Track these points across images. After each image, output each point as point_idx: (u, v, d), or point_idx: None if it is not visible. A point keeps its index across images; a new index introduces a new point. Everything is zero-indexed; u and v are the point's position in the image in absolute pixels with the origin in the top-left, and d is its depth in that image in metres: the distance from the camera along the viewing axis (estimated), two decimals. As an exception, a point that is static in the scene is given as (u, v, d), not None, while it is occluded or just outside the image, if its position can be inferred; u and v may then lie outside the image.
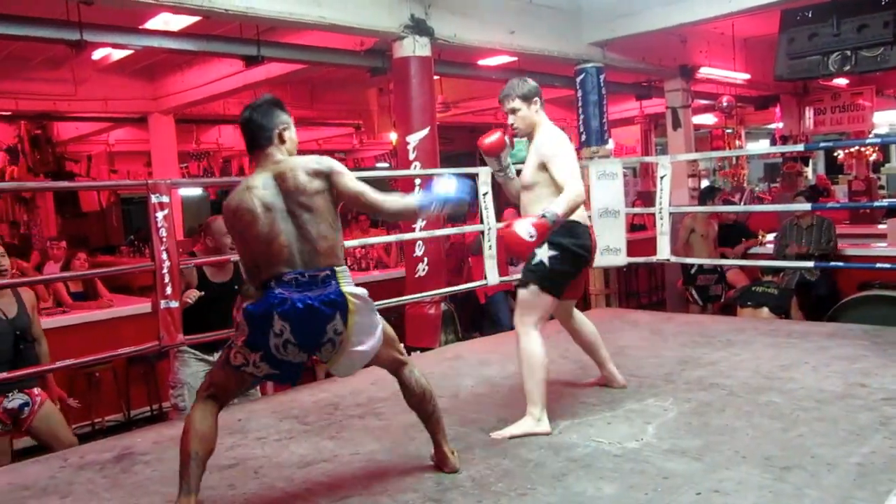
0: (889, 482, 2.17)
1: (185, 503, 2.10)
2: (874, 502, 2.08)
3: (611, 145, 7.28)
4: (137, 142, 11.25)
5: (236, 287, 3.85)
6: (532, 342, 2.90)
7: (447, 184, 2.48)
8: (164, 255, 3.31)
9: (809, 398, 3.06)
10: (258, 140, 2.33)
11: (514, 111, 3.04)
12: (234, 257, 3.60)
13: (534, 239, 2.68)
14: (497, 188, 4.72)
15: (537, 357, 2.89)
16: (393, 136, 9.44)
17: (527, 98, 3.02)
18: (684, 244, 6.37)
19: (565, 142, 2.97)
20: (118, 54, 7.42)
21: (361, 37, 5.93)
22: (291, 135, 2.40)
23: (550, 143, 2.95)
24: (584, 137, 6.60)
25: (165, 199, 3.33)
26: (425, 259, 5.20)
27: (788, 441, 2.60)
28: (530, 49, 6.25)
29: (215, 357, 3.75)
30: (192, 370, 3.72)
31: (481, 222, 4.95)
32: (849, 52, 5.65)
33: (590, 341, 3.38)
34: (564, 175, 2.85)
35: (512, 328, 3.12)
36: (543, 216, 2.70)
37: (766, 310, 5.56)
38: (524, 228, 2.68)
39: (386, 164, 15.33)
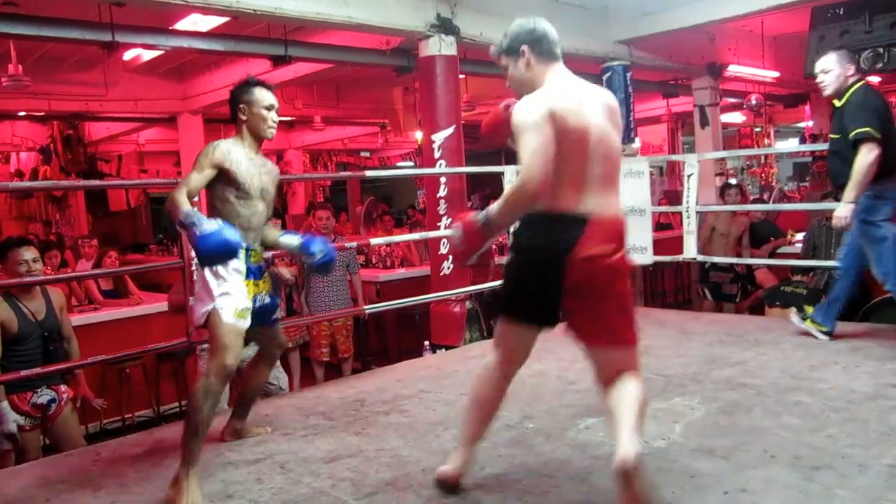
0: (922, 484, 2.14)
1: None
2: (906, 504, 2.05)
3: (637, 144, 7.23)
4: (167, 141, 11.42)
5: None
6: (479, 374, 2.35)
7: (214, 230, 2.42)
8: (193, 253, 3.35)
9: (839, 399, 3.01)
10: None
11: (505, 71, 2.32)
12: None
13: (460, 244, 2.14)
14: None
15: (473, 394, 2.34)
16: (418, 135, 9.47)
17: (510, 51, 2.28)
18: (705, 242, 6.40)
19: (539, 107, 2.05)
20: (148, 55, 7.55)
21: (388, 36, 5.96)
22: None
23: (519, 112, 2.09)
24: (610, 136, 6.56)
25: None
26: (450, 257, 5.21)
27: (818, 441, 2.56)
28: (556, 47, 6.23)
29: None
30: None
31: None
32: (881, 50, 5.56)
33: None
34: (523, 157, 2.02)
35: None
36: (477, 215, 2.12)
37: (794, 310, 5.48)
38: (454, 232, 2.17)
39: (411, 163, 15.39)
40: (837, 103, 3.77)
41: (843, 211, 3.66)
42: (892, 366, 3.44)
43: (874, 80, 10.06)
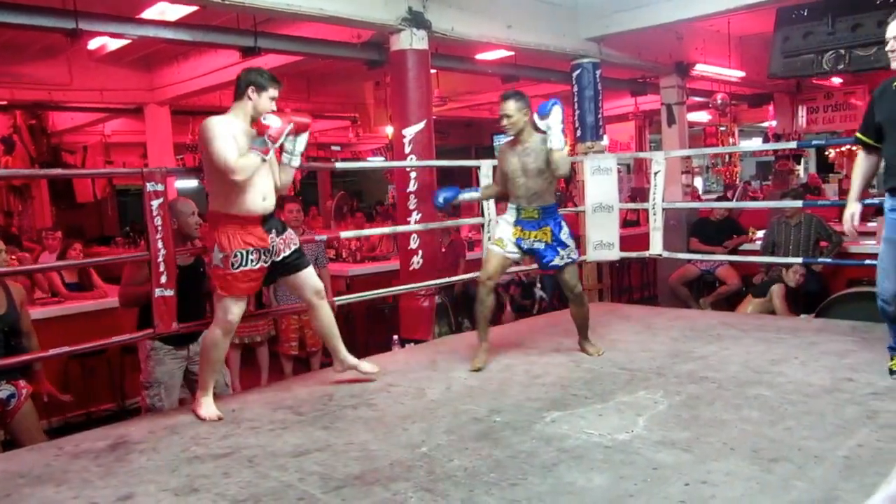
0: (875, 475, 2.19)
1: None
2: (860, 494, 2.10)
3: (605, 141, 7.30)
4: (133, 133, 11.23)
5: (202, 269, 3.88)
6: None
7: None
8: (160, 244, 3.32)
9: (798, 392, 3.09)
10: None
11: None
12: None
13: None
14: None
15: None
16: (389, 130, 9.44)
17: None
18: None
19: None
20: (114, 44, 7.40)
21: (359, 29, 5.93)
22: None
23: None
24: (579, 133, 6.62)
25: (160, 187, 3.33)
26: (420, 252, 5.22)
27: (776, 434, 2.63)
28: (527, 44, 6.26)
29: (188, 351, 3.76)
30: (167, 368, 3.70)
31: (482, 215, 4.98)
32: (843, 51, 5.69)
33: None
34: None
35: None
36: None
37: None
38: None
39: (382, 158, 15.33)
40: None
41: None
42: (849, 360, 3.55)
43: (835, 81, 10.32)
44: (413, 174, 5.18)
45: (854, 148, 12.47)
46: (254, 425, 3.08)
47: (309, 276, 3.42)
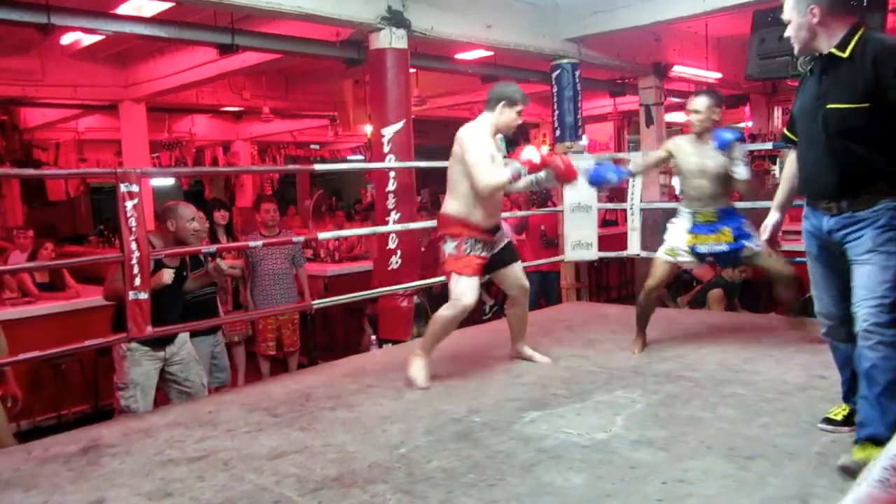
0: (848, 472, 2.23)
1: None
2: (834, 490, 2.13)
3: (584, 141, 7.33)
4: (107, 130, 11.08)
5: (185, 273, 3.83)
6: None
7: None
8: (134, 246, 3.26)
9: (773, 390, 3.13)
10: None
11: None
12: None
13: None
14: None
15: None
16: (368, 129, 9.39)
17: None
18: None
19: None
20: (88, 40, 7.28)
21: (338, 27, 5.90)
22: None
23: None
24: (558, 133, 6.64)
25: (135, 188, 3.27)
26: (398, 252, 5.20)
27: (752, 432, 2.65)
28: (506, 44, 6.27)
29: (166, 353, 3.70)
30: (144, 370, 3.61)
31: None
32: (818, 54, 5.75)
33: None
34: None
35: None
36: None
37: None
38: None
39: (361, 157, 15.28)
40: (840, 53, 2.40)
41: None
42: (822, 358, 3.57)
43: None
44: (392, 174, 5.16)
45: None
46: (230, 427, 3.04)
47: (518, 271, 3.68)
